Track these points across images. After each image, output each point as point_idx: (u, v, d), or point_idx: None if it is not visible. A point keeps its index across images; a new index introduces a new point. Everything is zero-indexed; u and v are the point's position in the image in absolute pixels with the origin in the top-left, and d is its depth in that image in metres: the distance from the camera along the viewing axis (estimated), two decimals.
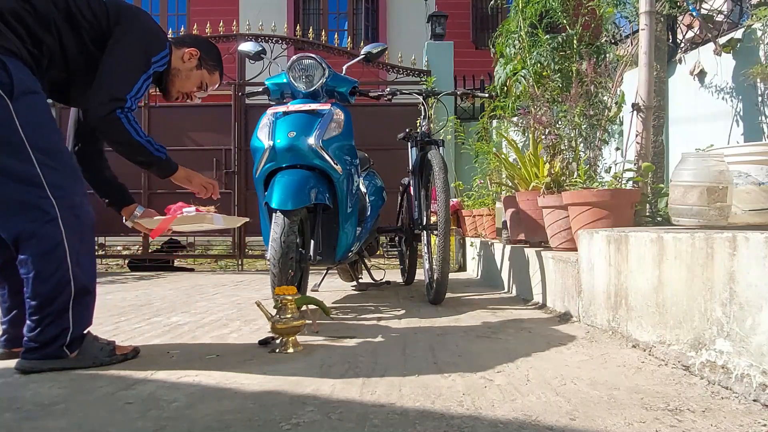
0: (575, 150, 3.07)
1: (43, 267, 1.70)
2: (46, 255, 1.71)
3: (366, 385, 1.58)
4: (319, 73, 2.84)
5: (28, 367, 1.73)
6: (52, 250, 1.71)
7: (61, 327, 1.73)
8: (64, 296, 1.72)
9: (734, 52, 3.14)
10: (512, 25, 4.63)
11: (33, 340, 1.72)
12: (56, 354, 1.74)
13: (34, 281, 1.70)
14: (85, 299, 1.79)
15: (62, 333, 1.73)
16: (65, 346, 1.75)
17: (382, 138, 5.47)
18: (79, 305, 1.76)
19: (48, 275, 1.71)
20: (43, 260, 1.70)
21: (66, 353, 1.75)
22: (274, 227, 2.43)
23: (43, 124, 1.75)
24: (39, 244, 1.70)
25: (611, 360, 1.82)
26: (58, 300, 1.72)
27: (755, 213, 2.35)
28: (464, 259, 5.40)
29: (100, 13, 1.88)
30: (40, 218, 1.70)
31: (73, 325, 1.75)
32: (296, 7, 10.38)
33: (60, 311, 1.72)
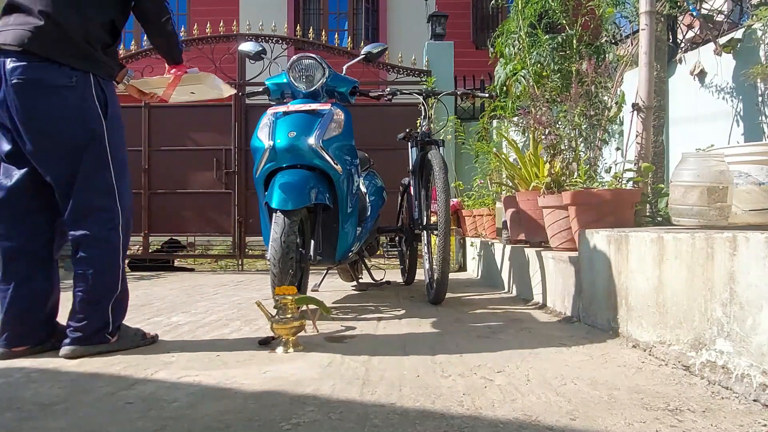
0: (575, 150, 3.07)
1: (102, 267, 1.96)
2: (106, 257, 1.97)
3: (366, 385, 1.58)
4: (320, 73, 2.84)
5: (78, 353, 1.93)
6: (111, 253, 1.98)
7: (104, 320, 1.98)
8: (112, 294, 1.99)
9: (734, 52, 3.14)
10: (512, 25, 4.63)
11: (79, 330, 1.94)
12: (100, 340, 1.98)
13: (93, 279, 1.94)
14: (125, 297, 2.07)
15: (105, 325, 1.99)
16: (108, 333, 2.00)
17: (382, 138, 5.47)
18: (120, 303, 2.04)
19: (105, 275, 1.96)
20: (103, 261, 1.96)
21: (108, 339, 2.00)
22: (274, 227, 2.43)
23: (122, 142, 2.06)
24: (104, 247, 1.96)
25: (611, 360, 1.82)
26: (107, 297, 1.98)
27: (755, 213, 2.35)
28: (464, 259, 5.40)
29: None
30: (108, 224, 1.98)
31: (112, 319, 2.01)
32: (296, 7, 10.37)
33: (106, 307, 1.98)
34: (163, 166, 6.09)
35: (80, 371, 1.77)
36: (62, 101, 1.88)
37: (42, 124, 1.88)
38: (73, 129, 1.91)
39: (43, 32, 1.85)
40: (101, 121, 1.96)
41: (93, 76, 1.95)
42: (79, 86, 1.91)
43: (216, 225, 6.11)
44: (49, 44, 1.86)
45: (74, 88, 1.90)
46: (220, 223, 6.10)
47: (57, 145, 1.91)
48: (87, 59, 1.93)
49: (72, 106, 1.90)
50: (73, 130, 1.91)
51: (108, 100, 1.99)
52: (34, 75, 1.84)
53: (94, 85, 1.95)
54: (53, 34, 1.86)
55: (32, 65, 1.84)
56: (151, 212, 6.05)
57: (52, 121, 1.88)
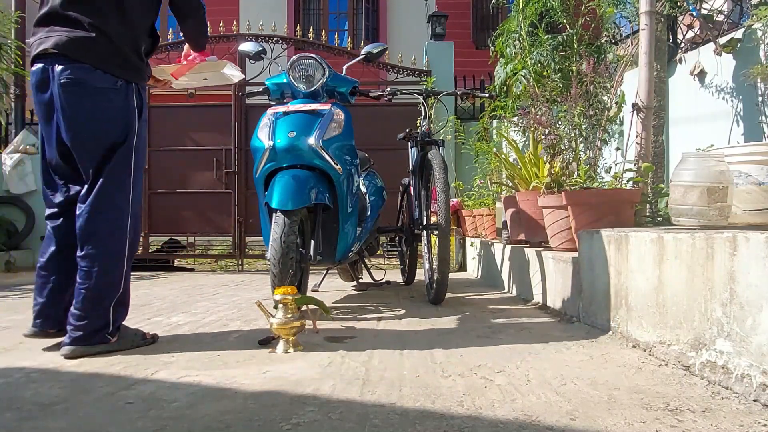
0: (575, 150, 3.07)
1: (107, 266, 1.99)
2: (112, 256, 2.01)
3: (366, 385, 1.58)
4: (320, 73, 2.84)
5: (78, 353, 1.94)
6: (117, 253, 2.02)
7: (105, 320, 1.99)
8: (114, 294, 2.01)
9: (734, 52, 3.14)
10: (513, 25, 4.63)
11: (79, 329, 1.95)
12: (100, 340, 1.99)
13: (97, 275, 1.96)
14: (126, 298, 2.09)
15: (105, 325, 2.00)
16: (108, 333, 2.01)
17: (382, 138, 5.47)
18: (121, 303, 2.06)
19: (109, 274, 1.99)
20: (109, 260, 1.99)
21: (108, 339, 2.01)
22: (274, 227, 2.43)
23: (144, 147, 2.16)
24: (110, 244, 2.00)
25: (611, 360, 1.82)
26: (110, 297, 2.00)
27: (755, 213, 2.35)
28: (464, 259, 5.40)
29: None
30: (118, 223, 2.02)
31: (113, 319, 2.02)
32: (296, 7, 10.37)
33: (107, 307, 1.99)
34: (163, 165, 6.09)
35: (80, 371, 1.77)
36: (107, 102, 2.02)
37: (85, 121, 1.99)
38: (112, 129, 2.03)
39: (94, 44, 1.98)
40: (135, 125, 2.09)
41: (134, 84, 2.09)
42: (122, 90, 2.05)
43: (216, 225, 6.11)
44: (99, 56, 1.99)
45: (118, 92, 2.04)
46: (220, 223, 6.10)
47: (95, 141, 2.01)
48: (131, 69, 2.08)
49: (115, 108, 2.04)
50: (112, 129, 2.03)
51: (143, 105, 2.13)
52: (81, 76, 1.96)
53: (135, 91, 2.09)
54: (103, 47, 1.99)
55: (80, 68, 1.96)
56: (151, 212, 6.05)
57: (95, 119, 2.00)
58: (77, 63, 1.96)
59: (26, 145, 6.19)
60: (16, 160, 6.03)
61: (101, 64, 1.99)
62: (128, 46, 2.05)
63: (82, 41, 1.96)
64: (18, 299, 3.65)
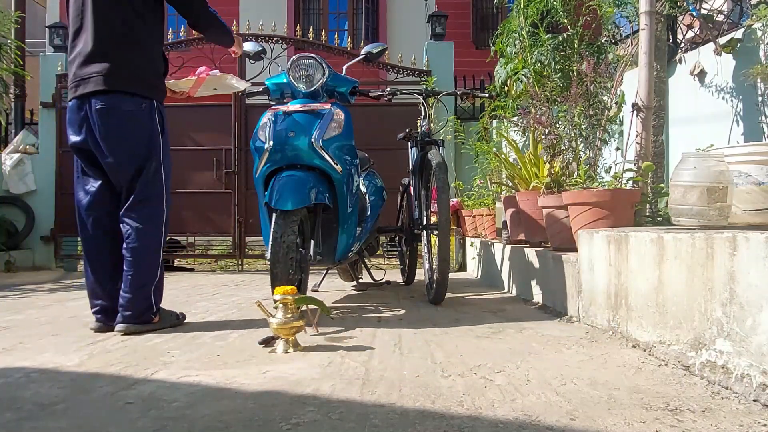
0: (575, 150, 3.07)
1: (148, 256, 2.39)
2: (152, 248, 2.41)
3: (366, 385, 1.58)
4: (319, 73, 2.84)
5: (131, 330, 2.33)
6: (156, 246, 2.43)
7: (148, 302, 2.39)
8: (153, 279, 2.41)
9: (734, 52, 3.13)
10: (513, 25, 4.63)
11: (129, 309, 2.35)
12: (147, 319, 2.39)
13: (141, 265, 2.37)
14: (161, 283, 2.48)
15: (149, 306, 2.40)
16: (152, 314, 2.41)
17: (382, 138, 5.46)
18: (158, 288, 2.45)
19: (149, 263, 2.39)
20: (149, 251, 2.39)
21: (152, 318, 2.41)
22: (274, 227, 2.43)
23: (169, 154, 2.55)
24: (150, 239, 2.40)
25: (611, 360, 1.82)
26: (150, 282, 2.40)
27: (755, 213, 2.35)
28: (464, 259, 5.40)
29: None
30: (156, 221, 2.43)
31: (154, 301, 2.42)
32: (296, 7, 10.37)
33: (149, 291, 2.39)
34: None
35: (80, 371, 1.77)
36: (135, 123, 2.38)
37: (119, 141, 2.35)
38: (141, 144, 2.40)
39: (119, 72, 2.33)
40: (159, 138, 2.46)
41: (155, 102, 2.44)
42: (145, 111, 2.40)
43: (216, 225, 6.11)
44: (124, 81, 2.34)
45: (143, 112, 2.40)
46: (219, 223, 6.10)
47: (129, 156, 2.38)
48: (152, 89, 2.43)
49: (143, 126, 2.40)
50: (141, 145, 2.40)
51: (164, 120, 2.50)
52: (113, 103, 2.33)
53: (156, 109, 2.45)
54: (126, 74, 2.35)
55: (111, 96, 2.33)
56: None
57: (126, 138, 2.36)
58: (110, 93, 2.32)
59: (26, 145, 6.19)
60: (15, 160, 6.03)
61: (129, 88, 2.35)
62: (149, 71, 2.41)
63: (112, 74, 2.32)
64: (18, 299, 3.65)
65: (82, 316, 2.89)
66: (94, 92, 2.32)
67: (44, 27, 7.45)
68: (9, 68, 5.91)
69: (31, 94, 6.75)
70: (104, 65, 2.32)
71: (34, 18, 11.40)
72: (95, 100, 2.32)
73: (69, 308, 3.20)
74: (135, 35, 2.37)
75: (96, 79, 2.32)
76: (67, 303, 3.43)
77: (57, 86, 6.10)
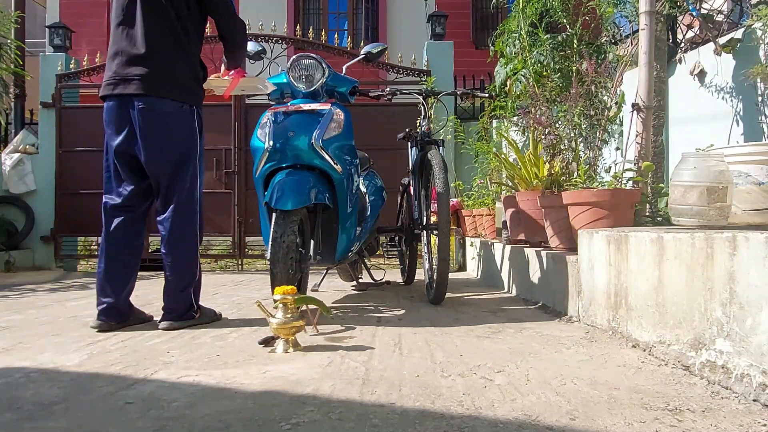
0: (575, 150, 3.07)
1: (187, 258, 2.47)
2: (190, 251, 2.48)
3: (366, 385, 1.58)
4: (319, 72, 2.84)
5: (175, 326, 2.43)
6: (193, 248, 2.50)
7: (189, 301, 2.50)
8: (193, 280, 2.50)
9: (734, 52, 3.13)
10: (513, 25, 4.63)
11: (173, 309, 2.46)
12: (189, 317, 2.50)
13: (181, 267, 2.45)
14: (199, 283, 2.57)
15: (191, 305, 2.51)
16: (193, 312, 2.52)
17: (382, 138, 5.46)
18: (197, 287, 2.54)
19: (188, 264, 2.47)
20: (187, 254, 2.48)
21: (194, 315, 2.52)
22: (274, 227, 2.43)
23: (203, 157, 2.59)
24: (188, 243, 2.47)
25: (611, 360, 1.82)
26: (190, 282, 2.48)
27: (755, 213, 2.35)
28: (464, 259, 5.40)
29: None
30: (191, 224, 2.48)
31: (194, 299, 2.52)
32: (296, 7, 10.37)
33: (189, 290, 2.48)
34: None
35: (80, 371, 1.77)
36: (176, 124, 2.43)
37: (159, 140, 2.40)
38: (180, 145, 2.44)
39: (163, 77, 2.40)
40: (198, 140, 2.52)
41: (195, 107, 2.49)
42: (185, 113, 2.46)
43: (216, 225, 6.10)
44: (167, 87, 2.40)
45: (184, 115, 2.45)
46: (219, 223, 6.09)
47: (168, 157, 2.42)
48: (192, 94, 2.49)
49: (182, 128, 2.45)
50: (180, 146, 2.44)
51: (203, 124, 2.55)
52: (154, 104, 2.38)
53: (196, 114, 2.51)
54: (168, 79, 2.41)
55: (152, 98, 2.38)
56: (151, 212, 6.04)
57: (166, 138, 2.42)
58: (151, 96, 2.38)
59: (26, 145, 6.19)
60: (15, 160, 6.03)
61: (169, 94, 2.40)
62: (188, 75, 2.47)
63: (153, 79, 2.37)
64: (18, 299, 3.65)
65: (82, 316, 2.89)
66: (136, 94, 2.37)
67: (44, 27, 7.45)
68: (9, 68, 5.91)
69: (31, 94, 6.75)
70: (148, 69, 2.37)
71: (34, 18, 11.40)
72: (138, 101, 2.37)
73: (69, 308, 3.20)
74: (180, 44, 2.44)
75: (139, 82, 2.37)
76: (67, 303, 3.43)
77: (57, 86, 6.10)
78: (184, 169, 2.45)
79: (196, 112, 2.51)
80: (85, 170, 5.96)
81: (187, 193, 2.47)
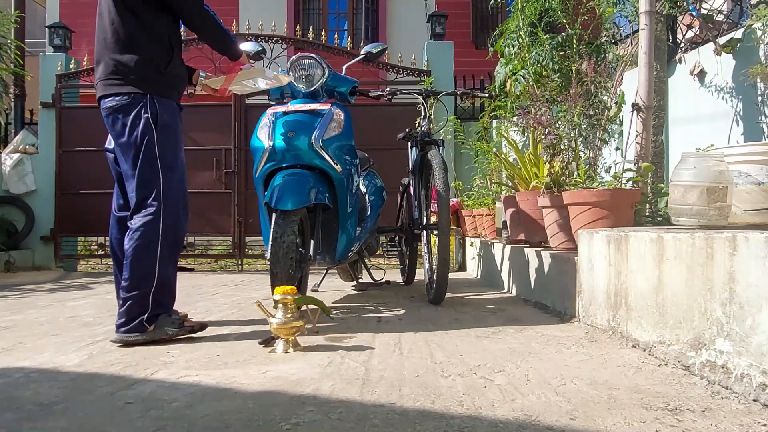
0: (575, 150, 3.07)
1: (138, 256, 2.20)
2: (142, 247, 2.21)
3: (366, 385, 1.58)
4: (319, 72, 2.84)
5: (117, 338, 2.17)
6: (147, 245, 2.22)
7: (142, 308, 2.18)
8: (149, 284, 2.20)
9: (734, 52, 3.13)
10: (512, 25, 4.63)
11: (121, 316, 2.19)
12: (138, 329, 2.18)
13: (130, 267, 2.20)
14: (164, 289, 2.25)
15: (141, 313, 2.18)
16: (144, 321, 2.19)
17: (382, 138, 5.46)
18: (159, 293, 2.22)
19: (140, 264, 2.20)
20: (139, 251, 2.20)
21: (145, 327, 2.19)
22: (274, 227, 2.43)
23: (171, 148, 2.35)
24: (141, 238, 2.21)
25: (611, 360, 1.82)
26: (145, 286, 2.20)
27: (755, 213, 2.35)
28: (464, 259, 5.40)
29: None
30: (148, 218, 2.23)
31: (151, 307, 2.20)
32: (296, 7, 10.36)
33: (144, 296, 2.19)
34: None
35: (80, 371, 1.77)
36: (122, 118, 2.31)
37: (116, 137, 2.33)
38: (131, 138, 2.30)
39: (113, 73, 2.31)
40: (152, 132, 2.31)
41: (148, 96, 2.32)
42: (132, 103, 2.31)
43: (216, 225, 6.11)
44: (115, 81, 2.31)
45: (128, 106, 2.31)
46: (219, 223, 6.10)
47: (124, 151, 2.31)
48: (142, 82, 2.32)
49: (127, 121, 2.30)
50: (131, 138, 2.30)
51: (159, 113, 2.33)
52: (110, 104, 2.32)
53: (149, 103, 2.32)
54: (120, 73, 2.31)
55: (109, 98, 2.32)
56: None
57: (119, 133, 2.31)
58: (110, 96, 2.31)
59: (26, 145, 6.19)
60: (15, 160, 6.03)
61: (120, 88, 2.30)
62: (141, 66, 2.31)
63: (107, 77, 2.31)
64: (18, 299, 3.65)
65: (82, 316, 2.89)
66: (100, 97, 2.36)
67: (44, 27, 7.45)
68: (9, 68, 5.91)
69: (31, 94, 6.76)
70: (100, 70, 2.36)
71: (34, 18, 11.40)
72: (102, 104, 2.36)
73: (69, 308, 3.20)
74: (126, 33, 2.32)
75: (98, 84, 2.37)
76: (67, 303, 3.42)
77: (57, 86, 6.10)
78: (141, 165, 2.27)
79: (148, 102, 2.31)
80: (85, 170, 5.96)
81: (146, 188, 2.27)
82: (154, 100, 2.35)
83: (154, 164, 2.29)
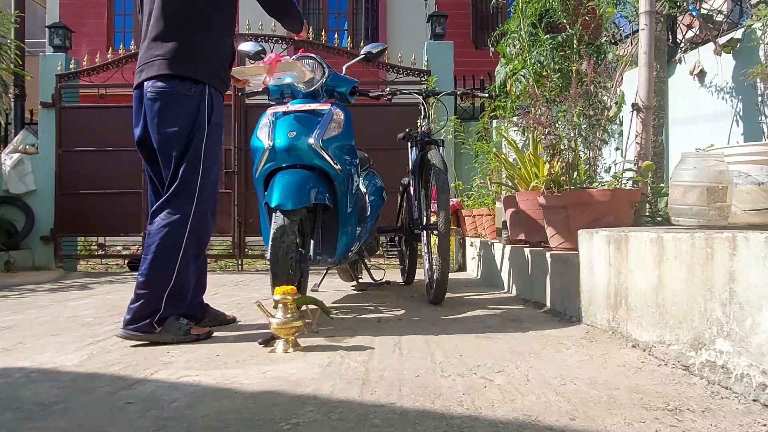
0: (575, 150, 3.07)
1: (159, 256, 2.14)
2: (165, 248, 2.14)
3: (366, 385, 1.58)
4: (319, 72, 2.84)
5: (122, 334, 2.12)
6: (171, 246, 2.15)
7: (153, 308, 2.12)
8: (165, 285, 2.14)
9: (734, 52, 3.14)
10: (512, 25, 4.63)
11: (130, 312, 2.12)
12: (146, 328, 2.12)
13: (150, 264, 2.13)
14: (180, 292, 2.19)
15: (153, 312, 2.12)
16: (154, 322, 2.12)
17: (382, 138, 5.46)
18: (174, 296, 2.16)
19: (159, 263, 2.14)
20: (161, 251, 2.14)
21: (154, 328, 2.13)
22: (274, 227, 2.43)
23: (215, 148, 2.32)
24: (165, 239, 2.15)
25: (611, 360, 1.82)
26: (161, 287, 2.14)
27: (755, 213, 2.35)
28: (464, 259, 5.40)
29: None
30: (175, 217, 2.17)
31: (163, 309, 2.14)
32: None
33: (159, 296, 2.13)
34: None
35: (80, 371, 1.77)
36: (179, 105, 2.21)
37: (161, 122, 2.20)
38: (183, 128, 2.21)
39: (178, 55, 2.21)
40: (205, 127, 2.25)
41: (209, 88, 2.26)
42: (195, 96, 2.23)
43: (216, 225, 6.10)
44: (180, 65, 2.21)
45: (191, 97, 2.22)
46: (219, 223, 6.08)
47: (168, 141, 2.20)
48: (208, 75, 2.25)
49: (186, 110, 2.22)
50: (183, 129, 2.21)
51: (214, 109, 2.28)
52: (162, 86, 2.20)
53: (207, 96, 2.26)
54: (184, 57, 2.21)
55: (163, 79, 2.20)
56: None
57: (169, 120, 2.19)
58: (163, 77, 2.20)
59: (26, 145, 6.19)
60: (15, 160, 6.03)
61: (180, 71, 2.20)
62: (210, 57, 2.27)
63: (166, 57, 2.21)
64: (18, 299, 3.65)
65: (82, 316, 2.89)
66: (150, 77, 2.22)
67: (44, 27, 7.45)
68: (9, 68, 5.91)
69: (31, 94, 6.75)
70: (165, 48, 2.21)
71: (34, 18, 11.40)
72: (148, 84, 2.21)
73: (69, 308, 3.20)
74: (204, 21, 2.26)
75: (153, 63, 2.22)
76: (67, 303, 3.42)
77: (57, 86, 6.09)
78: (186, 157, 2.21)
79: (208, 95, 2.26)
80: (85, 170, 5.96)
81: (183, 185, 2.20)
82: (213, 95, 2.28)
83: (196, 166, 2.22)
